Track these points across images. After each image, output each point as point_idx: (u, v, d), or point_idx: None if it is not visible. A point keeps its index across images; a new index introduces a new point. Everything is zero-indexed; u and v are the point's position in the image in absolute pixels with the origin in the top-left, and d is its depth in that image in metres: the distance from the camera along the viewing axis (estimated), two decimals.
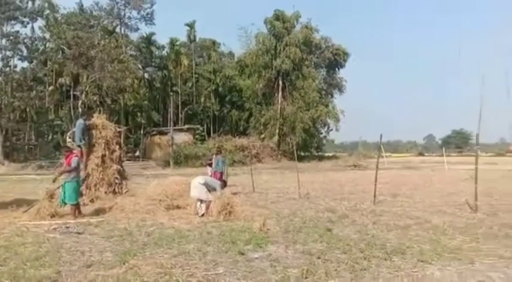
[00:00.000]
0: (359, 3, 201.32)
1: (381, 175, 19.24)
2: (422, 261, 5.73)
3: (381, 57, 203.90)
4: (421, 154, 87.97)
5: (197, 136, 48.66)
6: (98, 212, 10.06)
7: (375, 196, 11.76)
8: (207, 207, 9.40)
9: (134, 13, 53.06)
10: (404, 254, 6.08)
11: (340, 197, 13.19)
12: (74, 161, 9.58)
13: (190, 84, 58.31)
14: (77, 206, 9.54)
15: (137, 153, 51.63)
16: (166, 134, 45.53)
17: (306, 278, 5.01)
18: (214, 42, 61.99)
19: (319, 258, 5.87)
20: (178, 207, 10.38)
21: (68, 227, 8.07)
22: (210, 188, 9.72)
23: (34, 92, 46.58)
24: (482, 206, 10.59)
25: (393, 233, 7.67)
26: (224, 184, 10.45)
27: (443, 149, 47.24)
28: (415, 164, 41.47)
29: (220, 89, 58.37)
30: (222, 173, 13.99)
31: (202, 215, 9.37)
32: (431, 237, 7.24)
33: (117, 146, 12.51)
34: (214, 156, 15.19)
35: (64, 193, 9.51)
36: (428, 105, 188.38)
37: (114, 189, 12.04)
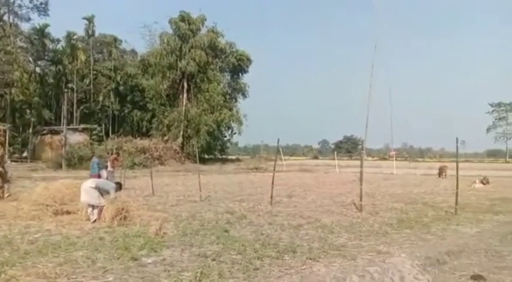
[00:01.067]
0: (261, 8, 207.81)
1: (278, 177, 20.05)
2: (310, 259, 6.07)
3: (282, 64, 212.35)
4: (316, 157, 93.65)
5: (94, 136, 46.05)
6: None
7: (271, 197, 12.22)
8: (100, 213, 8.90)
9: (26, 1, 48.43)
10: (295, 253, 6.39)
11: (239, 199, 13.46)
12: None
13: (87, 81, 54.93)
14: None
15: (25, 154, 47.08)
16: (58, 133, 42.23)
17: (200, 280, 5.02)
18: (115, 39, 59.24)
19: (214, 260, 5.92)
20: (68, 212, 9.67)
21: None
22: (103, 191, 9.22)
23: None
24: (366, 206, 11.60)
25: (286, 232, 8.04)
26: (119, 186, 9.98)
27: (335, 153, 50.72)
28: (310, 167, 43.90)
29: (121, 87, 55.91)
30: (98, 176, 13.33)
31: (95, 220, 8.86)
32: (320, 236, 7.73)
33: None
34: (104, 159, 14.56)
35: None
36: (323, 112, 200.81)
37: None
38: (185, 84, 47.23)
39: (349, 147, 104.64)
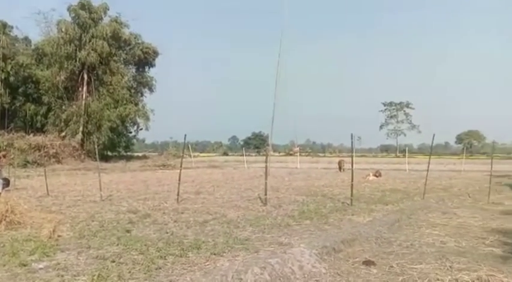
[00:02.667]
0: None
1: (187, 174, 19.83)
2: (215, 254, 6.08)
3: (192, 59, 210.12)
4: (225, 154, 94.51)
5: None
6: None
7: (178, 194, 12.02)
8: None
9: None
10: (200, 249, 6.36)
11: (144, 197, 13.02)
12: None
13: None
14: None
15: None
16: None
17: None
18: (5, 25, 53.23)
19: (113, 261, 5.64)
20: None
21: None
22: None
23: None
24: (271, 200, 12.00)
25: (192, 229, 7.97)
26: (7, 183, 9.04)
27: (244, 149, 51.69)
28: (219, 163, 44.18)
29: (11, 78, 50.48)
30: None
31: None
32: (225, 231, 7.79)
33: None
34: None
35: None
36: (234, 109, 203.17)
37: None
38: (85, 76, 44.32)
39: (257, 143, 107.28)
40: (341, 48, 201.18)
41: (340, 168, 28.84)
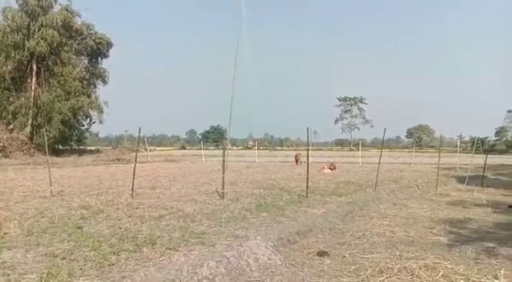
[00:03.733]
0: None
1: (142, 168, 19.48)
2: (170, 249, 6.03)
3: (148, 50, 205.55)
4: (183, 147, 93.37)
5: None
6: None
7: (132, 189, 11.77)
8: None
9: None
10: (155, 244, 6.27)
11: (97, 193, 12.63)
12: None
13: None
14: None
15: None
16: None
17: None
18: None
19: (64, 258, 5.46)
20: None
21: None
22: None
23: None
24: (228, 193, 12.00)
25: (147, 224, 7.83)
26: None
27: (202, 143, 51.32)
28: (176, 157, 43.67)
29: None
30: None
31: None
32: (181, 225, 7.72)
33: None
34: None
35: None
36: (191, 101, 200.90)
37: None
38: (34, 67, 42.21)
39: (215, 137, 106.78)
40: (299, 43, 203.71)
41: (296, 161, 29.30)
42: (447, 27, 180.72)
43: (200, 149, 44.15)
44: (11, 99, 41.86)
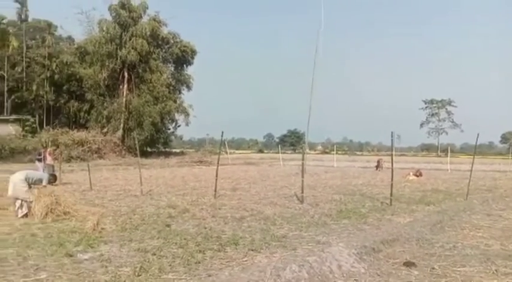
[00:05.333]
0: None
1: (223, 170, 19.99)
2: (252, 250, 6.12)
3: (228, 57, 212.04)
4: (261, 151, 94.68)
5: (27, 128, 43.16)
6: None
7: (215, 190, 12.16)
8: (29, 208, 8.40)
9: None
10: (237, 245, 6.41)
11: (182, 193, 13.26)
12: None
13: (19, 69, 51.26)
14: None
15: None
16: None
17: (139, 275, 4.87)
18: (50, 25, 55.65)
19: (154, 254, 5.78)
20: None
21: None
22: (32, 181, 8.71)
23: None
24: (308, 198, 11.91)
25: (229, 225, 8.04)
26: (54, 178, 9.43)
27: (279, 147, 51.59)
28: (255, 160, 44.34)
29: (56, 76, 52.72)
30: None
31: (25, 215, 8.35)
32: (262, 228, 7.81)
33: None
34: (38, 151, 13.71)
35: None
36: (268, 106, 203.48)
37: None
38: (126, 74, 45.56)
39: (293, 141, 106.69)
40: (382, 46, 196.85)
41: (377, 166, 28.24)
42: None
43: (278, 153, 44.43)
44: (105, 104, 45.56)
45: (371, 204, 11.29)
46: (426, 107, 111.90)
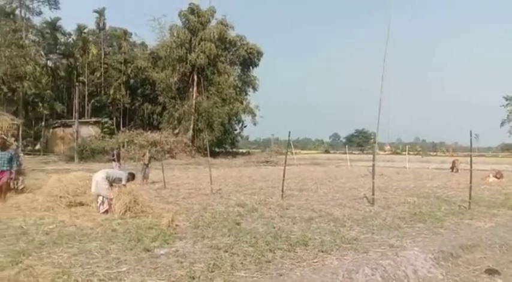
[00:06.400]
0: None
1: (289, 171, 19.98)
2: (322, 252, 6.05)
3: (292, 58, 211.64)
4: (327, 151, 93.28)
5: (105, 129, 46.38)
6: None
7: (282, 191, 12.19)
8: (109, 204, 9.00)
9: None
10: (307, 246, 6.37)
11: (250, 192, 13.46)
12: None
13: (98, 75, 55.26)
14: None
15: (37, 147, 47.65)
16: (70, 126, 42.73)
17: (212, 272, 5.03)
18: (125, 32, 59.37)
19: (226, 251, 5.93)
20: (81, 204, 9.78)
21: None
22: (112, 180, 9.32)
23: None
24: (378, 200, 11.52)
25: (298, 225, 8.02)
26: (132, 177, 10.02)
27: (347, 147, 50.50)
28: (321, 161, 43.80)
29: (131, 80, 56.16)
30: (9, 172, 10.36)
31: (105, 211, 8.96)
32: (332, 229, 7.69)
33: (13, 139, 11.42)
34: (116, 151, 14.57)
35: None
36: (335, 106, 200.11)
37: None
38: (195, 77, 47.20)
39: (360, 141, 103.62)
40: (458, 41, 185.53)
41: (453, 168, 26.63)
42: None
43: (345, 153, 43.56)
44: (176, 106, 47.53)
45: (447, 208, 10.67)
46: (507, 104, 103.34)
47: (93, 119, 48.80)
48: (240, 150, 59.39)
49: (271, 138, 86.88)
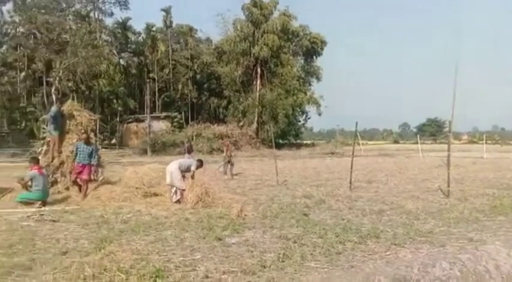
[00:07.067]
0: None
1: (357, 162, 19.54)
2: (395, 245, 5.87)
3: (357, 46, 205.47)
4: (396, 142, 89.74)
5: (175, 123, 48.26)
6: (73, 200, 9.92)
7: (350, 182, 11.96)
8: (182, 195, 9.40)
9: None
10: (379, 238, 6.22)
11: (317, 184, 13.35)
12: (27, 174, 9.59)
13: (167, 71, 57.50)
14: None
15: (113, 141, 50.83)
16: (143, 121, 45.02)
17: (282, 261, 5.07)
18: (191, 28, 61.13)
19: (295, 242, 5.95)
20: (155, 194, 10.31)
21: (42, 215, 7.91)
22: (184, 169, 9.73)
23: (5, 78, 45.21)
24: (454, 192, 10.92)
25: (368, 217, 7.84)
26: (201, 163, 10.38)
27: (418, 137, 48.19)
28: (390, 152, 42.28)
29: (198, 76, 57.84)
30: (89, 166, 10.50)
31: (177, 201, 9.37)
32: (404, 222, 7.43)
33: (92, 133, 12.26)
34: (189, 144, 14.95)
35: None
36: (403, 94, 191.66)
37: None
38: (259, 70, 47.49)
39: (433, 131, 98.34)
40: None
41: None
42: None
43: (416, 143, 41.63)
44: (240, 99, 48.24)
45: None
46: None
47: (164, 114, 50.96)
48: (304, 142, 59.00)
49: (336, 128, 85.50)
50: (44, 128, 12.60)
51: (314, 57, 54.04)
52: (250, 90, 48.41)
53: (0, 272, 4.71)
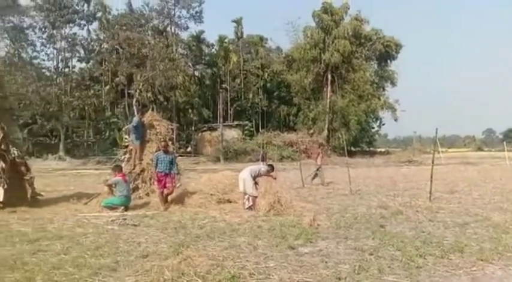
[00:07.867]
0: None
1: (436, 171, 18.46)
2: (482, 260, 5.45)
3: (435, 48, 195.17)
4: (480, 149, 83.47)
5: (246, 132, 49.10)
6: (153, 205, 10.44)
7: (430, 192, 11.29)
8: (254, 202, 9.51)
9: (184, 12, 54.62)
10: (463, 253, 5.81)
11: (393, 194, 12.81)
12: (113, 179, 10.33)
13: (238, 81, 58.79)
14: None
15: (189, 149, 52.96)
16: (216, 130, 46.38)
17: (358, 274, 4.91)
18: (261, 38, 62.04)
19: (371, 254, 5.74)
20: (228, 201, 10.55)
21: (125, 219, 8.44)
22: (255, 174, 9.88)
23: (92, 91, 49.17)
24: None
25: (450, 230, 7.35)
26: (271, 168, 10.45)
27: (505, 144, 44.38)
28: (473, 160, 39.45)
29: (268, 84, 58.45)
30: (167, 175, 10.48)
31: (249, 208, 9.49)
32: (491, 236, 6.87)
33: (170, 142, 12.86)
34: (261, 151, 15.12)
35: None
36: (488, 97, 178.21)
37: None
38: (329, 76, 46.85)
39: None
40: None
41: None
42: None
43: (502, 151, 38.39)
44: (311, 107, 47.89)
45: None
46: None
47: (235, 123, 52.13)
48: (378, 149, 57.06)
49: (413, 135, 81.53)
50: (126, 138, 13.41)
51: (388, 61, 52.29)
52: (320, 97, 47.92)
53: (89, 272, 5.08)
